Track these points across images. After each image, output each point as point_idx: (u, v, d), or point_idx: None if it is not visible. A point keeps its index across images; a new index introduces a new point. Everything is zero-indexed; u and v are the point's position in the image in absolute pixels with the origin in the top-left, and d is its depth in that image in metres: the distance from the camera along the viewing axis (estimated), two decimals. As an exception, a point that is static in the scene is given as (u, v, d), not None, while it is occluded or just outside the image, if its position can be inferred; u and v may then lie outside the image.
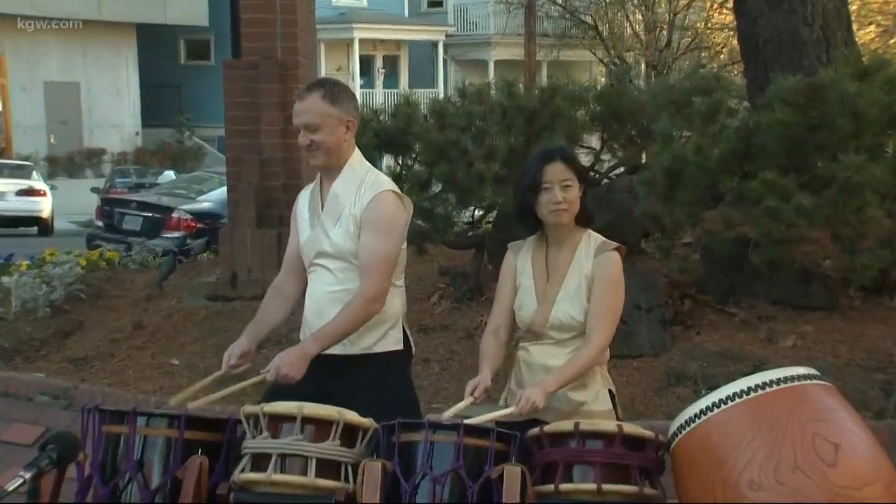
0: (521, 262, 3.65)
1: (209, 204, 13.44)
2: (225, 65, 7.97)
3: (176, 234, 12.59)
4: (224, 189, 13.66)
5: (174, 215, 13.12)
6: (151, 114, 31.60)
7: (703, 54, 28.56)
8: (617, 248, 3.57)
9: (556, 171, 3.47)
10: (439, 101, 7.16)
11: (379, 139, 6.69)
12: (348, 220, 3.63)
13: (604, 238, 3.61)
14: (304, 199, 3.83)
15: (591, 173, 7.21)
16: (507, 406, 3.49)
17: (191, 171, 24.66)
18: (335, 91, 3.65)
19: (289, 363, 3.47)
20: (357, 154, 3.74)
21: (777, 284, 6.18)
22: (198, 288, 7.69)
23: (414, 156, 6.91)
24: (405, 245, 3.75)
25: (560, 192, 3.46)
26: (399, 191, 3.71)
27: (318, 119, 3.58)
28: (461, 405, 3.43)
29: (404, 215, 3.69)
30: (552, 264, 3.59)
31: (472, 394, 3.48)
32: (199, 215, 13.07)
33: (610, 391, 3.62)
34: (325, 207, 3.70)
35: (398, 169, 6.91)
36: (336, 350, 3.59)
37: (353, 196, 3.64)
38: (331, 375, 3.59)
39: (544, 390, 3.35)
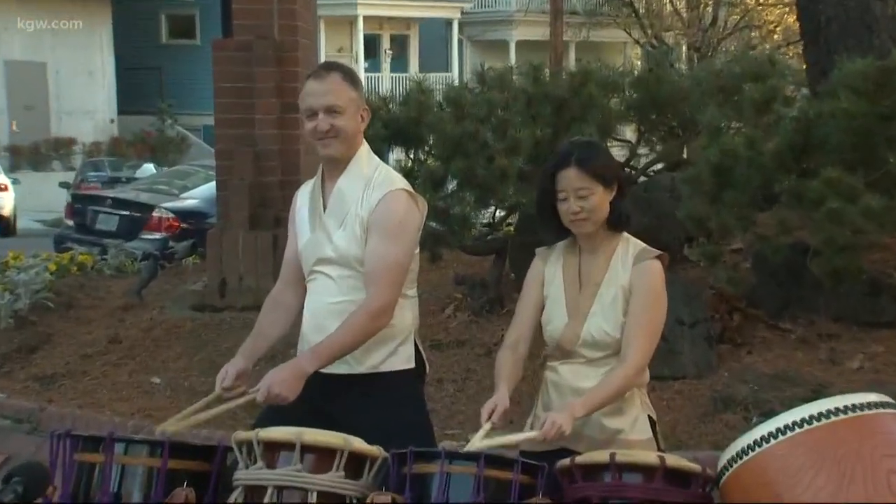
0: (550, 270, 3.65)
1: (194, 201, 13.50)
2: (214, 45, 8.00)
3: (157, 236, 12.68)
4: (212, 185, 13.64)
5: (155, 214, 13.18)
6: (128, 99, 31.69)
7: (753, 34, 28.58)
8: (658, 256, 3.56)
9: (569, 180, 3.46)
10: (455, 87, 7.20)
11: (388, 130, 6.71)
12: (354, 221, 3.63)
13: (644, 244, 3.60)
14: (303, 198, 3.83)
15: (626, 170, 7.21)
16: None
17: (173, 163, 24.73)
18: (353, 75, 3.69)
19: (281, 381, 3.45)
20: (365, 147, 3.73)
21: (841, 297, 6.16)
22: (182, 297, 7.72)
23: (427, 149, 6.95)
24: (418, 250, 3.74)
25: (576, 202, 3.45)
26: (412, 189, 3.71)
27: (343, 101, 3.58)
28: (480, 434, 3.40)
29: (417, 217, 3.69)
30: (585, 273, 3.58)
31: (489, 418, 3.45)
32: (183, 214, 13.12)
33: (650, 418, 3.60)
34: (328, 207, 3.70)
35: (409, 164, 6.94)
36: (339, 369, 3.59)
37: (360, 194, 3.64)
38: (333, 397, 3.59)
39: (572, 414, 3.33)
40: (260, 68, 7.56)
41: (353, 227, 3.62)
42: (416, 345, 3.74)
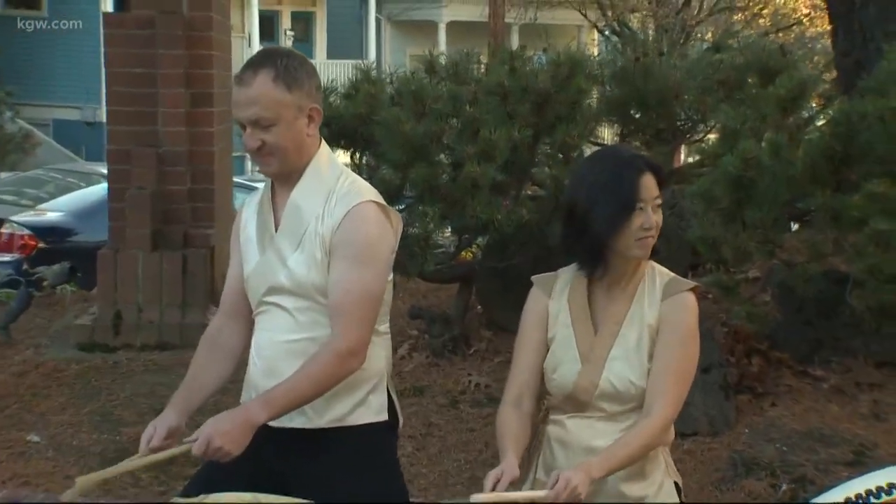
0: (555, 303, 3.69)
1: (57, 215, 13.39)
2: (107, 20, 7.99)
3: (7, 258, 12.51)
4: (78, 195, 13.63)
5: (5, 230, 13.03)
6: (-49, 85, 31.16)
7: (735, 17, 28.96)
8: (692, 288, 3.62)
9: (650, 187, 3.52)
10: (414, 76, 7.17)
11: (330, 129, 6.70)
12: (313, 242, 3.65)
13: (673, 273, 3.66)
14: (249, 213, 3.85)
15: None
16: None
17: (13, 167, 24.40)
18: (290, 68, 3.62)
19: (224, 433, 3.42)
20: (324, 151, 3.75)
21: (886, 338, 6.22)
22: (64, 333, 7.66)
23: (379, 153, 6.96)
24: (391, 277, 3.76)
25: (654, 215, 3.53)
26: (384, 202, 3.72)
27: (270, 112, 3.56)
28: (481, 497, 3.44)
29: (391, 236, 3.72)
30: (601, 308, 3.64)
31: (493, 489, 3.45)
32: (41, 230, 12.98)
33: (676, 484, 3.67)
34: (281, 225, 3.73)
35: (356, 171, 6.93)
36: (293, 422, 3.61)
37: (321, 209, 3.66)
38: (284, 455, 3.62)
39: (588, 474, 3.35)
40: (165, 50, 7.57)
41: (311, 248, 3.65)
42: (388, 393, 3.79)
